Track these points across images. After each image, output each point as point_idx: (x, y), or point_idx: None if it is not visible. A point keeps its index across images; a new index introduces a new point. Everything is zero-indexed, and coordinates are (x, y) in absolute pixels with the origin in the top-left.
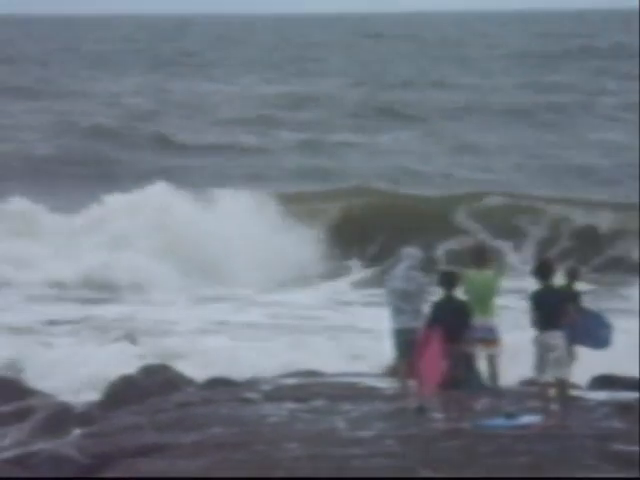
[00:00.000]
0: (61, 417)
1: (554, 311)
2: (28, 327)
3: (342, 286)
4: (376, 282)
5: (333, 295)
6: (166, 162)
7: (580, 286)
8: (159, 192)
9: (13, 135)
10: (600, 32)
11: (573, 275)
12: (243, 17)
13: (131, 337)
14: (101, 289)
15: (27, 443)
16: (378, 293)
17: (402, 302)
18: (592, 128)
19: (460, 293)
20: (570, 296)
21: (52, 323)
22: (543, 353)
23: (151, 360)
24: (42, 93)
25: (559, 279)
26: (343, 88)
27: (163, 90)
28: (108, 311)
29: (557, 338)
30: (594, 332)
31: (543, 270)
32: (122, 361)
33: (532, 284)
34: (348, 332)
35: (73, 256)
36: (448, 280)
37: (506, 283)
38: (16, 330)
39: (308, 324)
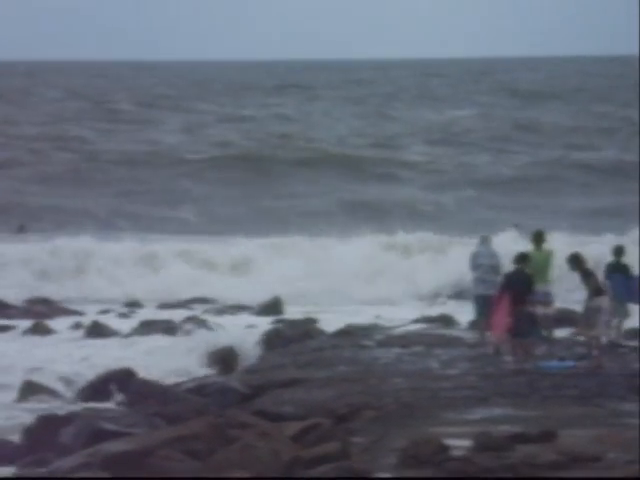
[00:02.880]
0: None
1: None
2: None
3: None
4: None
5: None
6: None
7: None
8: None
9: None
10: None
11: (619, 252)
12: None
13: None
14: None
15: (203, 377)
16: None
17: (487, 275)
18: None
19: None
20: (619, 268)
21: None
22: (592, 314)
23: None
24: None
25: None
26: None
27: None
28: None
29: (605, 302)
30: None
31: (575, 261)
32: None
33: None
34: None
35: None
36: (520, 258)
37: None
38: None
39: None
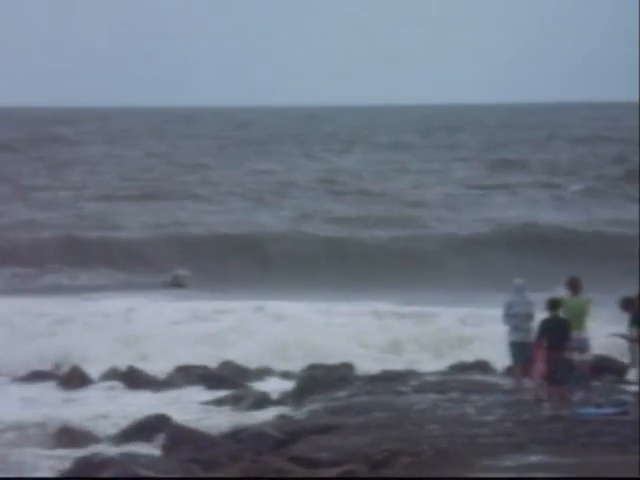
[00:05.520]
0: (262, 403)
1: None
2: None
3: None
4: None
5: None
6: None
7: None
8: None
9: None
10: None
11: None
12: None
13: None
14: None
15: (238, 422)
16: None
17: (522, 322)
18: None
19: (561, 313)
20: None
21: None
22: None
23: None
24: None
25: None
26: None
27: None
28: None
29: None
30: None
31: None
32: None
33: None
34: None
35: None
36: (553, 304)
37: None
38: None
39: None
